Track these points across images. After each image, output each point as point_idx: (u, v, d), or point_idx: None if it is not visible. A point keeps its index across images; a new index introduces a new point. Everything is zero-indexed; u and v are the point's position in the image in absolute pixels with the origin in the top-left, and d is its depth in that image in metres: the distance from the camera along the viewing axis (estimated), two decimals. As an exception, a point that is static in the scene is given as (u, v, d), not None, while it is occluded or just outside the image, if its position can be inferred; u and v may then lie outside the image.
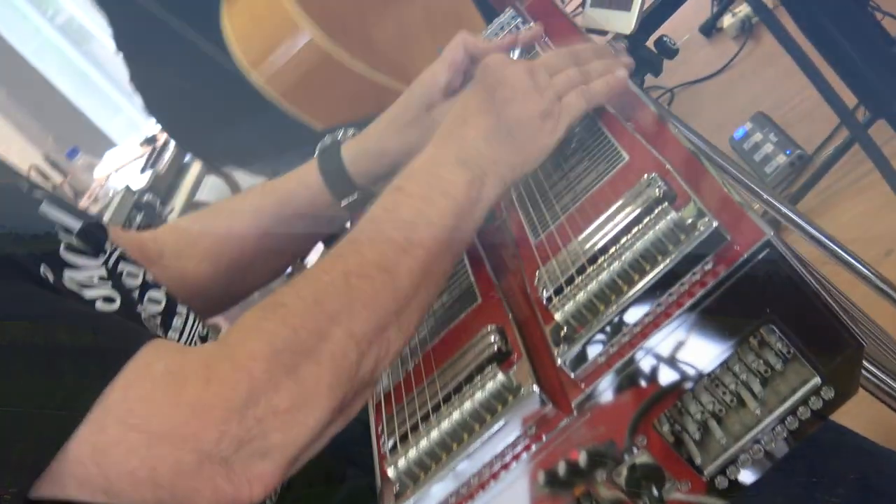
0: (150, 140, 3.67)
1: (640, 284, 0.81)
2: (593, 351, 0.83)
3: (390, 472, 0.88)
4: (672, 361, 0.81)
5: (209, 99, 2.18)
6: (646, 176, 0.89)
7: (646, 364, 0.81)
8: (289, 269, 1.48)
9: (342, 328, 0.88)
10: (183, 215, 3.25)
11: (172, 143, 3.42)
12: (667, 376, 0.82)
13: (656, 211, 0.83)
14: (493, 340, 0.92)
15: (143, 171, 3.51)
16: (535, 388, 0.84)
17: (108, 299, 1.04)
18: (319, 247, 1.45)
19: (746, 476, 0.83)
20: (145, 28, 2.13)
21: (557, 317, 0.84)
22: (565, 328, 0.84)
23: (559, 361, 0.83)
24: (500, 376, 0.85)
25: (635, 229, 0.84)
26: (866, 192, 2.38)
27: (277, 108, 2.14)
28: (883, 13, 2.69)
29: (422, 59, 2.06)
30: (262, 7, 1.91)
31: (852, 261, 1.65)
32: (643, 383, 0.82)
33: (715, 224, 0.79)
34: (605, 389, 0.82)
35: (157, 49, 2.20)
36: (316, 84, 1.93)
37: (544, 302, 0.88)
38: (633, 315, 0.82)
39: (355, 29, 1.96)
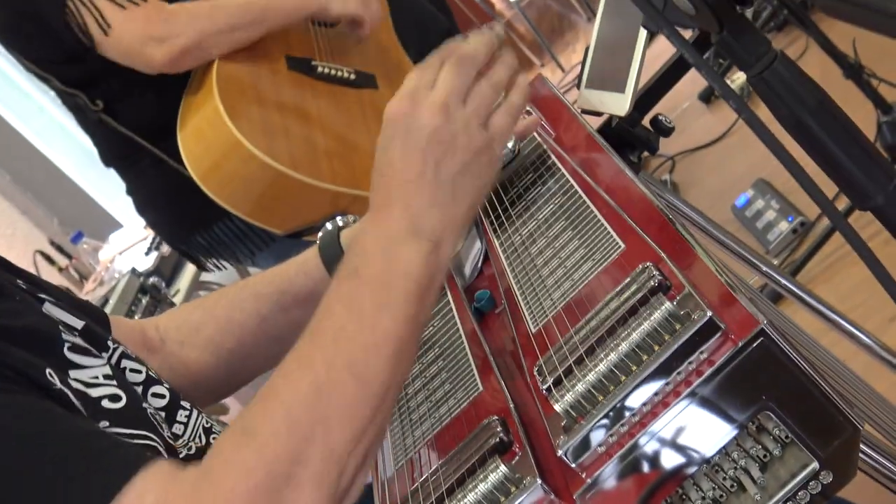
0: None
1: (638, 375, 0.82)
2: (593, 441, 0.84)
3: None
4: (671, 449, 0.82)
5: (184, 204, 2.26)
6: (640, 266, 0.90)
7: (645, 452, 0.82)
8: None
9: (319, 448, 0.87)
10: (188, 298, 3.27)
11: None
12: (667, 463, 0.82)
13: (651, 301, 0.85)
14: (495, 431, 0.93)
15: (147, 252, 3.53)
16: (538, 479, 0.85)
17: (115, 397, 1.04)
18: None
19: (750, 561, 0.83)
20: (121, 145, 2.22)
21: (557, 408, 0.85)
22: (565, 419, 0.85)
23: (560, 452, 0.84)
24: (503, 468, 0.86)
25: (631, 320, 0.85)
26: (870, 256, 2.39)
27: (237, 222, 2.24)
28: (879, 80, 2.72)
29: (367, 159, 2.13)
30: (207, 128, 1.99)
31: (854, 331, 1.65)
32: (644, 471, 0.83)
33: (709, 314, 0.81)
34: (607, 478, 0.83)
35: (133, 164, 2.28)
36: (266, 196, 2.00)
37: (544, 392, 0.89)
38: (632, 404, 0.83)
39: (298, 142, 2.02)
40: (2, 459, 0.85)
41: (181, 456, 1.07)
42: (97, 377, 1.05)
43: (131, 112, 2.17)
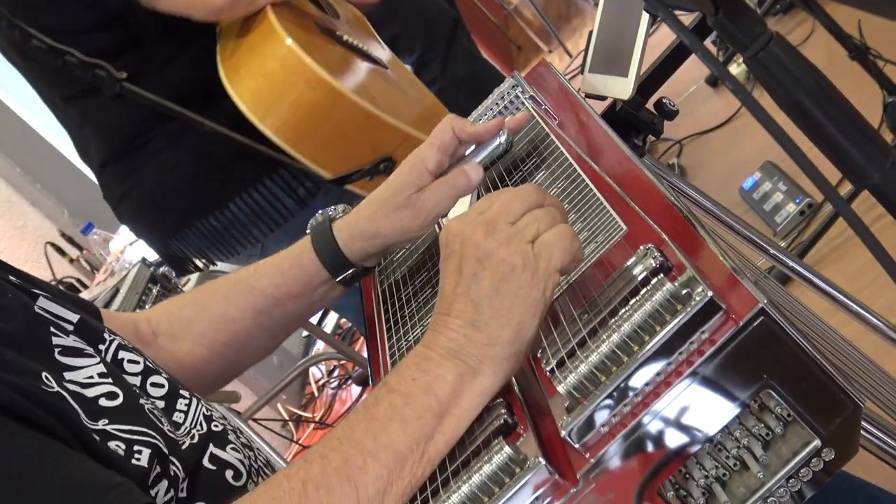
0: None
1: (640, 355, 0.83)
2: (597, 421, 0.84)
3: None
4: (674, 428, 0.83)
5: (202, 180, 2.26)
6: (642, 248, 0.91)
7: (648, 432, 0.83)
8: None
9: None
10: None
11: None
12: (670, 443, 0.83)
13: (653, 282, 0.85)
14: (500, 413, 0.94)
15: (158, 243, 3.53)
16: (541, 460, 0.85)
17: (112, 395, 1.04)
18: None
19: (754, 537, 0.84)
20: (135, 125, 2.22)
21: (560, 389, 0.86)
22: (569, 400, 0.86)
23: (563, 432, 0.85)
24: (507, 449, 0.87)
25: (633, 301, 0.86)
26: (878, 237, 2.39)
27: (255, 197, 2.24)
28: (884, 60, 2.72)
29: (404, 107, 2.19)
30: (271, 61, 2.01)
31: (862, 311, 1.66)
32: (647, 450, 0.84)
33: (710, 294, 0.81)
34: (610, 458, 0.84)
35: (144, 145, 2.27)
36: (325, 128, 2.02)
37: (547, 374, 0.90)
38: (635, 384, 0.84)
39: (350, 77, 2.08)
40: None
41: (183, 447, 1.08)
42: (92, 376, 1.05)
43: (160, 79, 2.17)
